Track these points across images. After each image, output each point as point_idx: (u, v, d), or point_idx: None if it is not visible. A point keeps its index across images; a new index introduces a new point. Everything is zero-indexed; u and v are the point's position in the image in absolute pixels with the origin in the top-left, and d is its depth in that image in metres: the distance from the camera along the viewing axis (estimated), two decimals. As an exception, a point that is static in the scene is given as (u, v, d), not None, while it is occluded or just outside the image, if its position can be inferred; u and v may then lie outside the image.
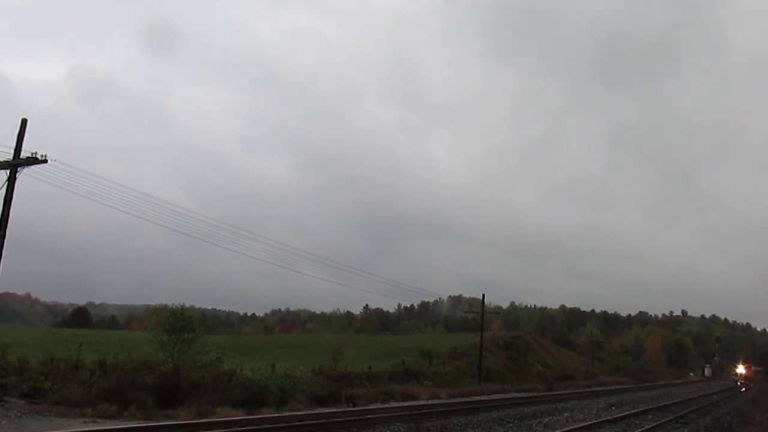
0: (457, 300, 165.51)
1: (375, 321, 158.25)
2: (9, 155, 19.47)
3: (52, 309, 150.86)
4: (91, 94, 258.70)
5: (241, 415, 17.65)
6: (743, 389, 63.64)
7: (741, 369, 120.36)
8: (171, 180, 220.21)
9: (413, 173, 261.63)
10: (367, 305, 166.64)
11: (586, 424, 19.19)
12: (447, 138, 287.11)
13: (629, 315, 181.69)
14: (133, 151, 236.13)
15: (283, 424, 16.05)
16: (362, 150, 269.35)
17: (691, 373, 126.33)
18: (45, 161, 19.51)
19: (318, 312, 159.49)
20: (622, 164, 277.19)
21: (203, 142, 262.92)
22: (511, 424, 18.73)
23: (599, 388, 52.63)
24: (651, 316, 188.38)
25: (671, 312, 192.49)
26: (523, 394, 37.37)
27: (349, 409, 22.20)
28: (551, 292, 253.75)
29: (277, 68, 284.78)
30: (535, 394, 38.92)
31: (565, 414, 23.32)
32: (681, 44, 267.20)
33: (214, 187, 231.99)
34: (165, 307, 28.84)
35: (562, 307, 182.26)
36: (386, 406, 24.76)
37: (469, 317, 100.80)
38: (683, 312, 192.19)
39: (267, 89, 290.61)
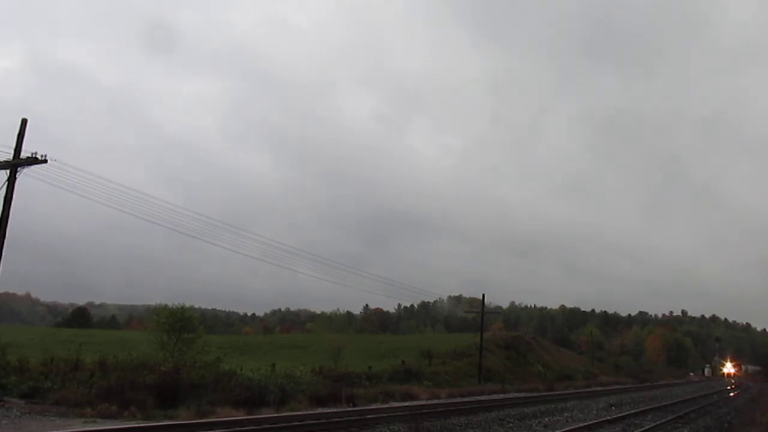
0: (457, 300, 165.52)
1: (375, 321, 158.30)
2: (9, 155, 19.49)
3: (52, 309, 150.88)
4: (65, 87, 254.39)
5: (241, 415, 17.63)
6: (731, 394, 49.76)
7: (729, 368, 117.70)
8: (153, 177, 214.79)
9: (406, 170, 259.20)
10: (366, 305, 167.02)
11: (586, 424, 19.18)
12: (432, 129, 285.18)
13: (629, 315, 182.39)
14: (110, 148, 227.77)
15: (283, 424, 16.05)
16: (350, 145, 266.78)
17: (691, 373, 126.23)
18: (45, 161, 19.54)
19: (318, 312, 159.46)
20: (616, 160, 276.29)
21: (185, 137, 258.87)
22: (511, 424, 18.73)
23: (599, 388, 52.60)
24: (651, 316, 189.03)
25: (671, 312, 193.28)
26: (523, 394, 37.33)
27: (349, 409, 22.19)
28: (551, 291, 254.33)
29: (256, 61, 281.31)
30: (535, 394, 38.90)
31: (565, 414, 23.32)
32: (672, 30, 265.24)
33: (198, 185, 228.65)
34: (165, 307, 28.79)
35: (562, 307, 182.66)
36: (386, 406, 24.73)
37: (469, 317, 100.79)
38: (683, 312, 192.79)
39: (247, 83, 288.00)
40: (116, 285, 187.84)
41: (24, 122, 19.94)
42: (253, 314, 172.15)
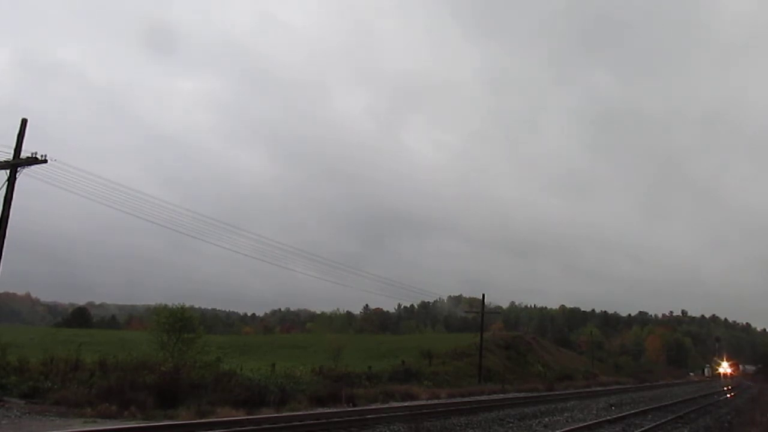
0: (457, 300, 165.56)
1: (375, 321, 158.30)
2: (9, 155, 19.49)
3: (52, 309, 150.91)
4: (64, 87, 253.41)
5: (241, 415, 17.63)
6: (728, 395, 46.32)
7: (725, 368, 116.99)
8: (152, 177, 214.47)
9: (405, 169, 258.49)
10: (366, 305, 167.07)
11: (586, 424, 19.18)
12: (430, 127, 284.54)
13: (629, 315, 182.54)
14: (110, 148, 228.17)
15: (283, 424, 16.05)
16: (348, 144, 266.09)
17: (691, 373, 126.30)
18: (45, 161, 19.54)
19: (318, 312, 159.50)
20: (616, 159, 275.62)
21: (183, 136, 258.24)
22: (511, 424, 18.73)
23: (599, 388, 52.62)
24: (651, 316, 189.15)
25: (671, 312, 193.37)
26: (523, 394, 37.34)
27: (349, 409, 22.19)
28: (551, 291, 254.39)
29: (255, 61, 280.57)
30: (535, 394, 38.91)
31: (565, 414, 23.32)
32: (672, 28, 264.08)
33: (196, 184, 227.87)
34: (165, 307, 28.84)
35: (562, 307, 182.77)
36: (386, 406, 24.73)
37: (469, 317, 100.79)
38: (683, 312, 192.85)
39: (245, 82, 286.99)
40: (116, 285, 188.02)
41: (24, 122, 19.94)
42: (253, 314, 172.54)
